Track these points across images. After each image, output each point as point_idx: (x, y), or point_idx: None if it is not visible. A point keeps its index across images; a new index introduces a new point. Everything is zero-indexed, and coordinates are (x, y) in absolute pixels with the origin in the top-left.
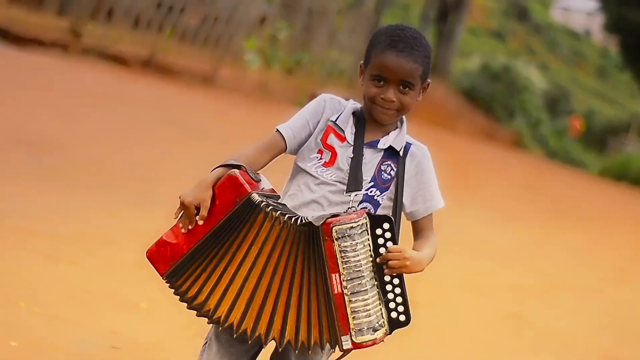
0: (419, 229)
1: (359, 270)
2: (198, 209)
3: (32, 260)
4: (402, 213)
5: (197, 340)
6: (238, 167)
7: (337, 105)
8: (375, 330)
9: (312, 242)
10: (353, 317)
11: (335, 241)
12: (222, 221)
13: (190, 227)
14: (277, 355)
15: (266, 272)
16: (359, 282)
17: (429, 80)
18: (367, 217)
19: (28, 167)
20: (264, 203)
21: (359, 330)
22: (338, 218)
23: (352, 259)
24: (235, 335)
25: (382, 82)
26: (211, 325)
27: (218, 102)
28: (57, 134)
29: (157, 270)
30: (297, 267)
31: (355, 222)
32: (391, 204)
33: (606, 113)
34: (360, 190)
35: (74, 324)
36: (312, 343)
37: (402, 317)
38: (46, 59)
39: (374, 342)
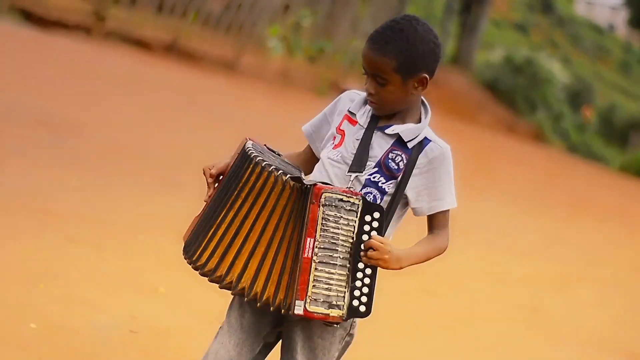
0: (429, 225)
1: (334, 243)
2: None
3: (52, 242)
4: (409, 207)
5: (215, 325)
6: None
7: (352, 96)
8: (330, 306)
9: (298, 202)
10: (313, 285)
11: (321, 207)
12: (224, 180)
13: (209, 192)
14: (284, 336)
15: (257, 225)
16: (330, 254)
17: (424, 75)
18: (361, 200)
19: (50, 149)
20: (253, 152)
21: (315, 300)
22: (332, 186)
23: (331, 229)
24: (209, 279)
25: (366, 75)
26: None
27: (240, 88)
28: (79, 116)
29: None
30: (280, 220)
31: (347, 196)
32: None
33: (628, 108)
34: (362, 172)
35: (93, 307)
36: (264, 298)
37: (362, 308)
38: (69, 42)
39: (324, 317)
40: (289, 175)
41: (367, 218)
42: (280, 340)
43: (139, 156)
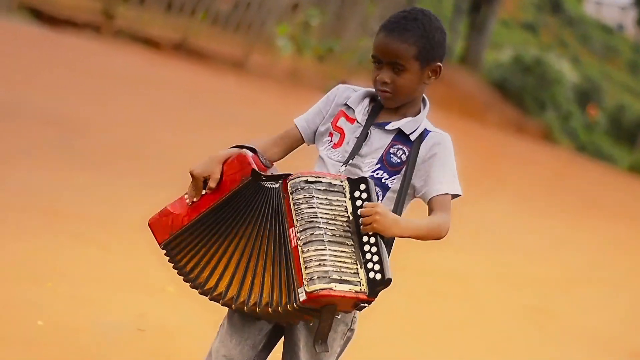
0: (429, 210)
1: (312, 221)
2: (206, 182)
3: (60, 241)
4: (410, 201)
5: None
6: (252, 150)
7: (349, 93)
8: (332, 280)
9: (273, 201)
10: (305, 267)
11: (290, 195)
12: (224, 198)
13: (195, 199)
14: (286, 336)
15: (243, 237)
16: (312, 232)
17: (437, 63)
18: (345, 180)
19: (57, 148)
20: (265, 182)
21: (310, 279)
22: (293, 174)
23: (305, 210)
24: (209, 298)
25: (378, 64)
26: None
27: (248, 87)
28: (87, 115)
29: (155, 239)
30: (261, 227)
31: (312, 176)
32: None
33: (637, 108)
34: (348, 162)
35: (101, 306)
36: (276, 303)
37: (379, 276)
38: (78, 40)
39: (329, 294)
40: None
41: (356, 194)
42: (283, 337)
43: (146, 155)
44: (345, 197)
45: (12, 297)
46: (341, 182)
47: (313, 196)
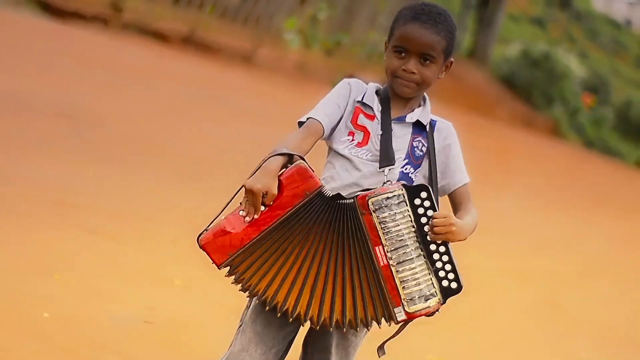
0: (456, 201)
1: (402, 240)
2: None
3: (69, 233)
4: None
5: (231, 318)
6: (294, 157)
7: (361, 87)
8: (427, 299)
9: (348, 218)
10: (403, 287)
11: (373, 213)
12: (289, 212)
13: (256, 216)
14: (316, 342)
15: (317, 255)
16: (404, 251)
17: (451, 59)
18: (404, 189)
19: (69, 141)
20: (332, 194)
21: (411, 299)
22: (372, 191)
23: (393, 229)
24: (290, 320)
25: (403, 54)
26: (245, 307)
27: (257, 81)
28: (97, 108)
29: (212, 259)
30: (339, 244)
31: (390, 192)
32: (424, 180)
33: None
34: (394, 165)
35: (109, 298)
36: (370, 319)
37: (454, 285)
38: (87, 33)
39: (427, 312)
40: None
41: (417, 201)
42: (305, 338)
43: (156, 148)
44: (407, 205)
45: (22, 288)
46: (401, 191)
47: (395, 213)
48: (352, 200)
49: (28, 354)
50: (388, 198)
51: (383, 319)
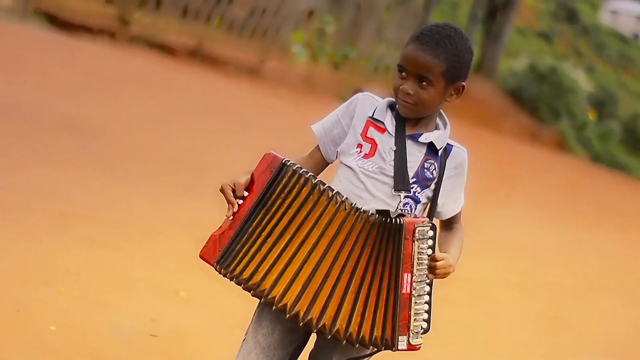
0: (446, 223)
1: (425, 274)
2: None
3: (74, 245)
4: None
5: (235, 330)
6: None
7: (371, 101)
8: (421, 335)
9: (386, 238)
10: (414, 319)
11: (415, 242)
12: (261, 193)
13: (234, 209)
14: (318, 354)
15: (327, 256)
16: (423, 285)
17: (462, 83)
18: (432, 224)
19: (72, 152)
20: (297, 165)
21: (416, 332)
22: (418, 219)
23: (424, 262)
24: (287, 317)
25: (403, 74)
26: (250, 320)
27: (263, 94)
28: (102, 120)
29: (210, 264)
30: (362, 257)
31: (429, 225)
32: (427, 202)
33: None
34: (410, 192)
35: (114, 310)
36: (360, 337)
37: (425, 325)
38: (93, 46)
39: (419, 347)
40: (371, 211)
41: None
42: (311, 353)
43: (161, 160)
44: (433, 242)
45: (25, 300)
46: (433, 230)
47: (428, 247)
48: (399, 221)
49: None
50: (428, 230)
51: (383, 344)
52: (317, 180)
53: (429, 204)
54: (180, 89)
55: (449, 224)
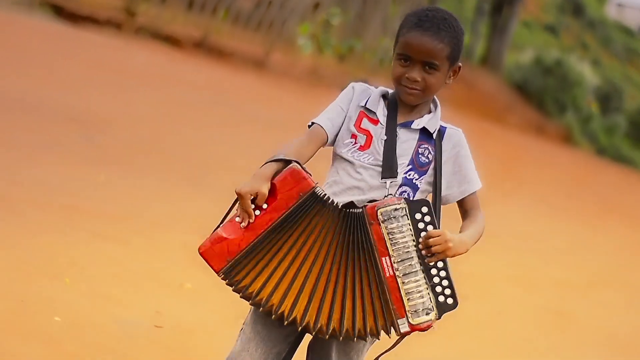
0: (464, 209)
1: (408, 252)
2: (254, 201)
3: (79, 237)
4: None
5: (239, 322)
6: (291, 162)
7: (366, 91)
8: (427, 312)
9: (356, 227)
10: (408, 299)
11: (381, 224)
12: (284, 215)
13: (250, 220)
14: (317, 346)
15: (317, 260)
16: (409, 263)
17: (459, 64)
18: (405, 202)
19: (78, 145)
20: (326, 195)
21: (415, 311)
22: (380, 201)
23: (400, 240)
24: (285, 323)
25: (407, 62)
26: (250, 310)
27: (269, 86)
28: (108, 112)
29: (211, 267)
30: (344, 253)
31: (397, 204)
32: (429, 187)
33: None
34: (396, 178)
35: (118, 302)
36: (369, 330)
37: (450, 300)
38: (99, 37)
39: (428, 325)
40: (336, 202)
41: (418, 216)
42: (310, 343)
43: (167, 153)
44: (408, 219)
45: (31, 292)
46: (404, 204)
47: (402, 225)
48: (360, 210)
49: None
50: (396, 209)
51: (383, 331)
52: (341, 206)
53: (432, 190)
54: (185, 81)
55: (465, 210)
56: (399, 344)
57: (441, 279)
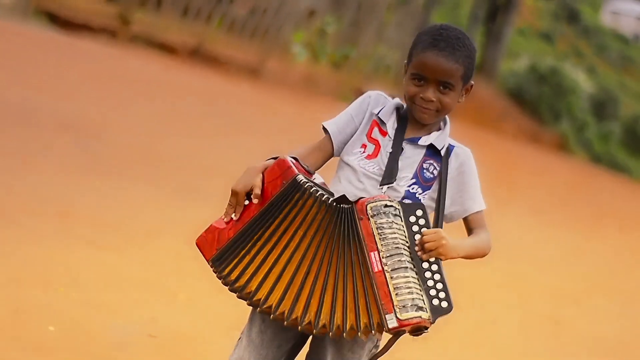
0: (469, 227)
1: (397, 247)
2: (249, 196)
3: (73, 246)
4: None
5: (233, 331)
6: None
7: (382, 100)
8: (419, 309)
9: (346, 222)
10: (396, 294)
11: (371, 219)
12: (267, 204)
13: (239, 212)
14: (312, 355)
15: (307, 254)
16: (399, 258)
17: (471, 82)
18: (399, 204)
19: (73, 153)
20: (308, 184)
21: (403, 307)
22: (371, 197)
23: (390, 236)
24: (272, 317)
25: (421, 82)
26: (247, 320)
27: (264, 94)
28: (103, 120)
29: (204, 257)
30: (334, 247)
31: (389, 201)
32: (432, 203)
33: None
34: (392, 183)
35: (113, 311)
36: (348, 327)
37: (445, 304)
38: (94, 45)
39: (419, 322)
40: (326, 196)
41: (412, 219)
42: (307, 355)
43: (161, 161)
44: (401, 220)
45: (25, 301)
46: (398, 205)
47: (392, 221)
48: (349, 205)
49: None
50: (387, 206)
51: (374, 329)
52: (324, 197)
53: (435, 207)
54: (180, 88)
55: (470, 229)
56: (393, 346)
57: (435, 282)
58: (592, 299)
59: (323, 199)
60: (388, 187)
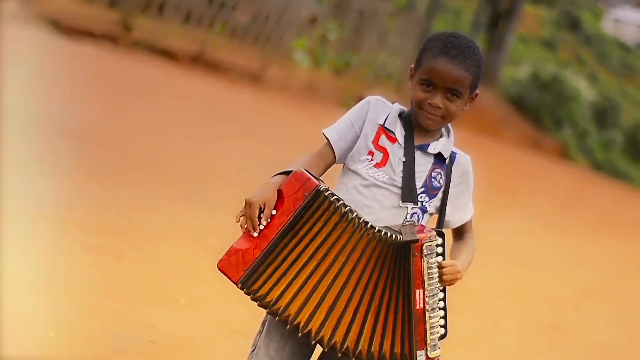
0: (457, 232)
1: (437, 287)
2: (262, 211)
3: (73, 251)
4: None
5: (234, 337)
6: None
7: (383, 107)
8: (438, 347)
9: (399, 257)
10: (430, 333)
11: (424, 257)
12: (292, 218)
13: (260, 228)
14: None
15: (350, 281)
16: (435, 298)
17: (477, 91)
18: (440, 238)
19: (74, 158)
20: (329, 192)
21: (433, 345)
22: (426, 234)
23: (435, 276)
24: (300, 335)
25: (430, 87)
26: (258, 332)
27: (265, 100)
28: (104, 125)
29: (230, 280)
30: (380, 279)
31: (435, 239)
32: (435, 211)
33: None
34: (417, 204)
35: (113, 317)
36: (381, 356)
37: (442, 330)
38: (96, 51)
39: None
40: (377, 228)
41: (440, 249)
42: None
43: (162, 166)
44: (442, 255)
45: (24, 307)
46: (440, 241)
47: (436, 260)
48: (398, 236)
49: None
50: (437, 245)
51: (397, 358)
52: (347, 208)
53: (437, 213)
54: (182, 95)
55: (460, 233)
56: None
57: (439, 309)
58: (593, 305)
59: (368, 226)
60: (412, 207)
